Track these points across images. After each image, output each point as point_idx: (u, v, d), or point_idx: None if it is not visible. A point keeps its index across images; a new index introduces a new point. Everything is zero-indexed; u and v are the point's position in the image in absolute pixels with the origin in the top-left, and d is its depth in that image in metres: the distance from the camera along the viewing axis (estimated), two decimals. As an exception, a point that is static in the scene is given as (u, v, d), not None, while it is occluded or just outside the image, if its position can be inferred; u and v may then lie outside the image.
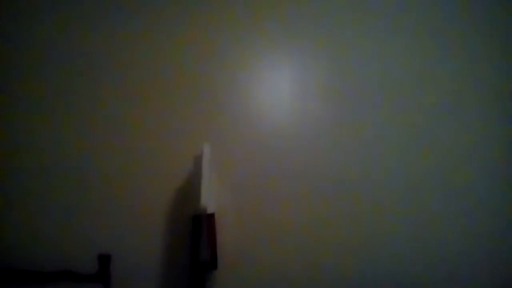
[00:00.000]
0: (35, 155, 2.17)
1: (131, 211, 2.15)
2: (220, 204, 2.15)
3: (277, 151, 2.24)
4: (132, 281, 2.11)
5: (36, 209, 2.14)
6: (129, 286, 2.11)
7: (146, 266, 2.13)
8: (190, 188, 2.15)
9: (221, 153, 2.20)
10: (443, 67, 2.33)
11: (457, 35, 2.36)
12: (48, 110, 2.20)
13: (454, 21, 2.36)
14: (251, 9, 2.32)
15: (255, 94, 2.28)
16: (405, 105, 2.31)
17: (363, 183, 2.25)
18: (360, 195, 2.24)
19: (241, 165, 2.22)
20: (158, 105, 2.23)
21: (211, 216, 1.97)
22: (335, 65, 2.31)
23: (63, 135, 2.19)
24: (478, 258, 2.23)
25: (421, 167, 2.27)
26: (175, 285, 2.13)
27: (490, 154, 2.29)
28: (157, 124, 2.22)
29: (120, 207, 2.15)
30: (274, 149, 2.24)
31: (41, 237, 2.12)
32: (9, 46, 2.23)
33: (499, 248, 2.24)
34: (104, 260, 2.06)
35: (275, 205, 2.20)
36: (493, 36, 2.36)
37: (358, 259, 2.20)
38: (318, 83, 2.30)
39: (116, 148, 2.19)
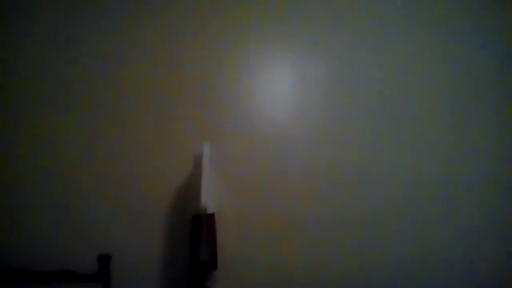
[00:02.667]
0: (35, 155, 2.17)
1: (131, 211, 2.15)
2: (220, 204, 2.15)
3: (277, 151, 2.24)
4: (132, 281, 2.11)
5: (36, 209, 2.14)
6: (129, 286, 2.11)
7: (146, 266, 2.13)
8: (190, 188, 2.15)
9: (221, 153, 2.20)
10: (443, 66, 2.33)
11: (458, 35, 2.35)
12: (48, 110, 2.20)
13: (455, 21, 2.36)
14: (251, 9, 2.32)
15: (255, 94, 2.28)
16: (405, 105, 2.31)
17: (363, 184, 2.25)
18: (361, 196, 2.24)
19: (241, 165, 2.22)
20: (157, 105, 2.23)
21: (211, 216, 1.97)
22: (335, 65, 2.31)
23: (63, 134, 2.19)
24: (478, 258, 2.23)
25: (422, 167, 2.27)
26: (175, 285, 2.13)
27: (490, 154, 2.29)
28: (157, 124, 2.22)
29: (120, 207, 2.15)
30: (274, 149, 2.24)
31: (41, 237, 2.12)
32: (9, 46, 2.23)
33: (500, 249, 2.24)
34: (104, 260, 2.06)
35: (275, 205, 2.20)
36: (493, 36, 2.36)
37: (358, 260, 2.20)
38: (318, 83, 2.30)
39: (116, 148, 2.19)
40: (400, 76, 2.32)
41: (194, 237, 2.02)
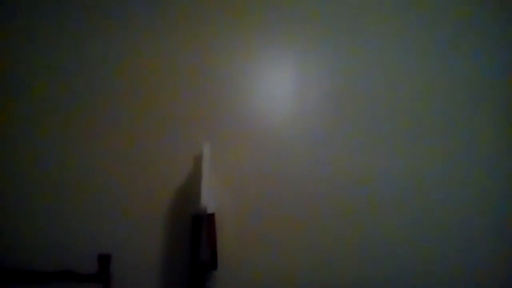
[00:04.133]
0: (35, 155, 2.17)
1: (131, 211, 2.15)
2: (220, 204, 2.14)
3: (277, 151, 2.24)
4: (132, 281, 2.11)
5: (36, 209, 2.14)
6: (129, 286, 2.11)
7: (146, 266, 2.13)
8: (190, 188, 2.15)
9: (221, 153, 2.19)
10: (443, 66, 2.33)
11: (457, 35, 2.35)
12: (48, 110, 2.19)
13: (455, 22, 2.36)
14: (251, 9, 2.31)
15: (255, 94, 2.28)
16: (405, 105, 2.31)
17: (364, 184, 2.25)
18: (361, 196, 2.24)
19: (241, 165, 2.22)
20: (157, 105, 2.23)
21: (211, 216, 1.97)
22: (335, 65, 2.31)
23: (63, 135, 2.18)
24: (478, 257, 2.23)
25: (421, 168, 2.27)
26: (175, 285, 2.13)
27: (490, 154, 2.29)
28: (157, 124, 2.21)
29: (120, 207, 2.15)
30: (274, 149, 2.24)
31: (41, 237, 2.12)
32: (9, 47, 2.23)
33: (500, 248, 2.24)
34: (104, 260, 2.06)
35: (275, 205, 2.20)
36: (493, 36, 2.36)
37: (358, 260, 2.20)
38: (318, 82, 2.30)
39: (116, 148, 2.19)
40: (401, 77, 2.32)
41: (194, 237, 2.02)
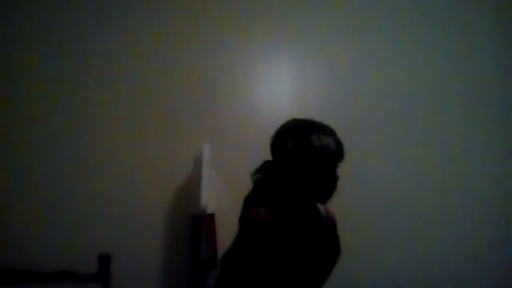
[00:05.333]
0: (35, 156, 2.16)
1: (131, 211, 2.15)
2: (220, 204, 2.14)
3: (277, 151, 2.24)
4: (132, 281, 2.11)
5: (36, 209, 2.13)
6: (129, 286, 2.11)
7: (146, 266, 2.13)
8: (190, 188, 2.15)
9: (221, 153, 2.19)
10: (443, 66, 2.34)
11: (458, 36, 2.36)
12: (49, 111, 2.20)
13: (455, 23, 2.36)
14: (252, 10, 2.32)
15: (255, 94, 2.28)
16: (405, 105, 2.31)
17: (363, 184, 2.25)
18: (360, 196, 2.24)
19: (241, 165, 2.22)
20: (158, 106, 2.23)
21: (211, 216, 1.97)
22: (335, 65, 2.31)
23: (63, 135, 2.19)
24: (478, 258, 2.23)
25: (420, 168, 2.27)
26: (175, 285, 2.13)
27: (489, 154, 2.29)
28: (157, 124, 2.22)
29: (120, 207, 2.15)
30: (274, 149, 2.24)
31: (41, 237, 2.12)
32: (9, 47, 2.23)
33: (500, 248, 2.24)
34: (104, 260, 2.06)
35: (275, 205, 2.20)
36: (494, 37, 2.36)
37: (358, 261, 2.19)
38: (318, 82, 2.30)
39: (116, 149, 2.19)
40: (400, 77, 2.32)
41: (194, 237, 2.02)
